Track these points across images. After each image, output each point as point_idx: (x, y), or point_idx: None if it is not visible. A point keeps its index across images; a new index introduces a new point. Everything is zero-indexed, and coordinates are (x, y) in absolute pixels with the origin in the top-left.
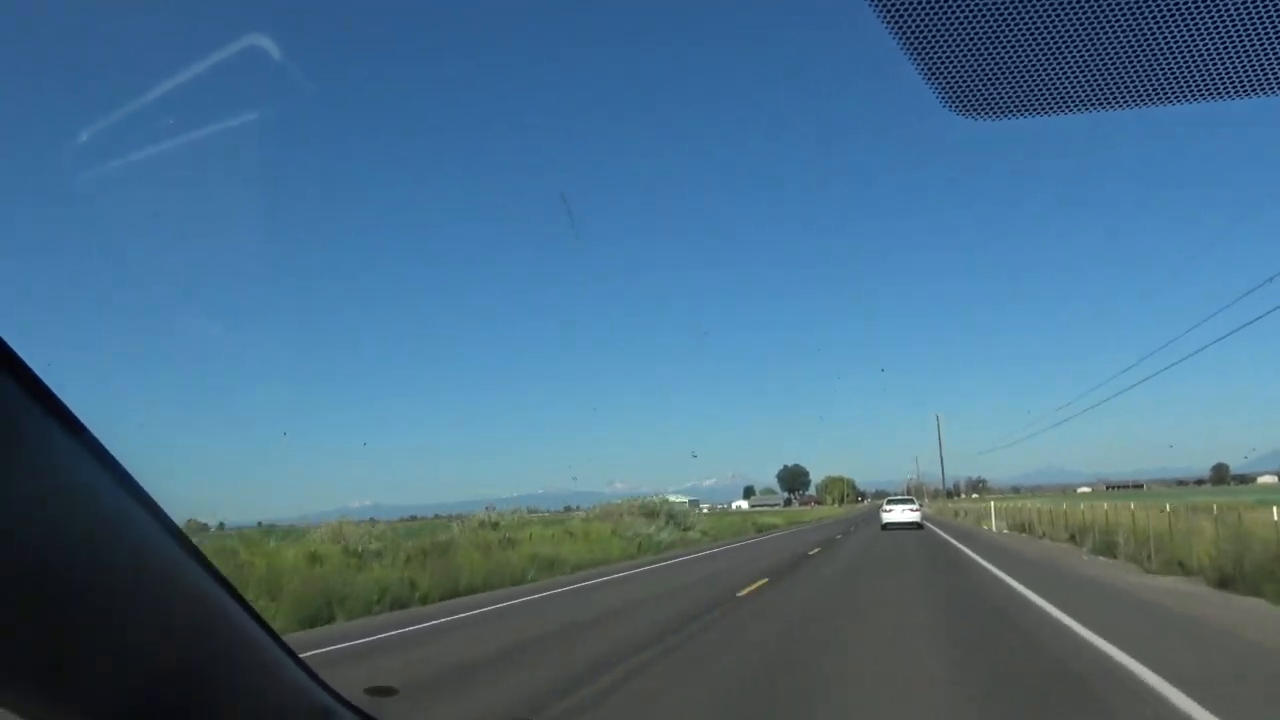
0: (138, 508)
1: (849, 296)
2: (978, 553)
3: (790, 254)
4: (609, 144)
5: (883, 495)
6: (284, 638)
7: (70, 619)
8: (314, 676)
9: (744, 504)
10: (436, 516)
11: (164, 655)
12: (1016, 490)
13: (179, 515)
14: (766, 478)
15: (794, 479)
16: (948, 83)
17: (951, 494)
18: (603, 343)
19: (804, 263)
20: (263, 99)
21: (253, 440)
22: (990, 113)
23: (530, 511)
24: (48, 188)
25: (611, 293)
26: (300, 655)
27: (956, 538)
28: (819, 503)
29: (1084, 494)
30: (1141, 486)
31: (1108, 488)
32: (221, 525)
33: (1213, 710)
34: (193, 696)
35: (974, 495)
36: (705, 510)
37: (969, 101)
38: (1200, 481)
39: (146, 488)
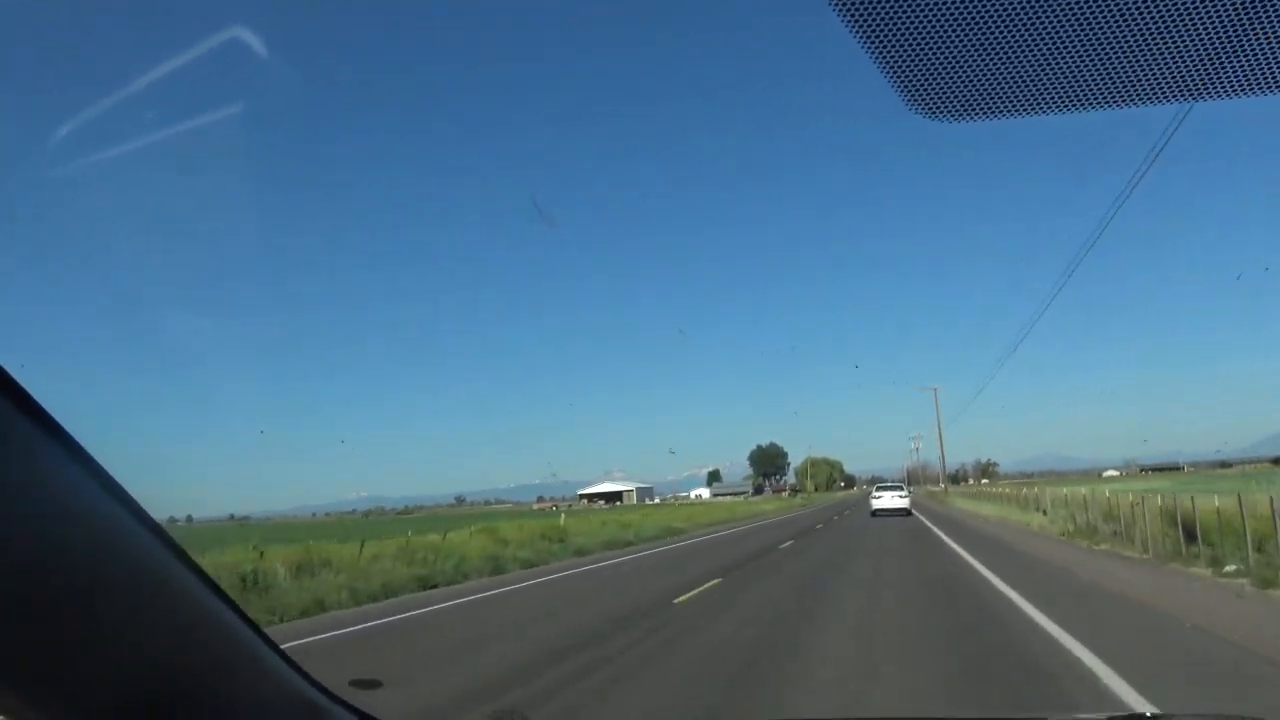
0: (119, 507)
1: (851, 276)
2: None
3: (785, 243)
4: (586, 144)
5: (876, 481)
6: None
7: (58, 621)
8: (298, 669)
9: (705, 493)
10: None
11: (151, 654)
12: (1029, 477)
13: (154, 511)
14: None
15: (769, 461)
16: (912, 85)
17: (957, 479)
18: (593, 333)
19: (801, 248)
20: (246, 92)
21: (224, 436)
22: (954, 115)
23: (496, 503)
24: (24, 181)
25: (601, 285)
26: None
27: None
28: (796, 490)
29: (1112, 477)
30: (1181, 469)
31: (1142, 470)
32: (189, 519)
33: None
34: (180, 694)
35: (984, 481)
36: (658, 502)
37: (934, 103)
38: (1278, 460)
39: (121, 483)
